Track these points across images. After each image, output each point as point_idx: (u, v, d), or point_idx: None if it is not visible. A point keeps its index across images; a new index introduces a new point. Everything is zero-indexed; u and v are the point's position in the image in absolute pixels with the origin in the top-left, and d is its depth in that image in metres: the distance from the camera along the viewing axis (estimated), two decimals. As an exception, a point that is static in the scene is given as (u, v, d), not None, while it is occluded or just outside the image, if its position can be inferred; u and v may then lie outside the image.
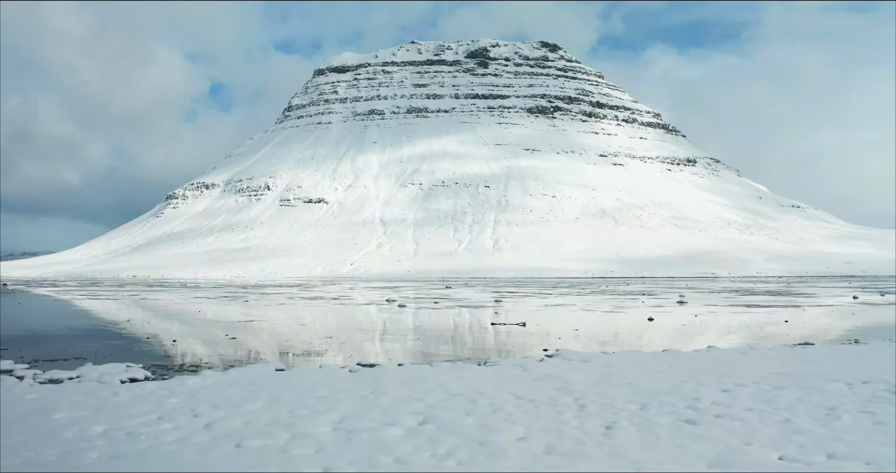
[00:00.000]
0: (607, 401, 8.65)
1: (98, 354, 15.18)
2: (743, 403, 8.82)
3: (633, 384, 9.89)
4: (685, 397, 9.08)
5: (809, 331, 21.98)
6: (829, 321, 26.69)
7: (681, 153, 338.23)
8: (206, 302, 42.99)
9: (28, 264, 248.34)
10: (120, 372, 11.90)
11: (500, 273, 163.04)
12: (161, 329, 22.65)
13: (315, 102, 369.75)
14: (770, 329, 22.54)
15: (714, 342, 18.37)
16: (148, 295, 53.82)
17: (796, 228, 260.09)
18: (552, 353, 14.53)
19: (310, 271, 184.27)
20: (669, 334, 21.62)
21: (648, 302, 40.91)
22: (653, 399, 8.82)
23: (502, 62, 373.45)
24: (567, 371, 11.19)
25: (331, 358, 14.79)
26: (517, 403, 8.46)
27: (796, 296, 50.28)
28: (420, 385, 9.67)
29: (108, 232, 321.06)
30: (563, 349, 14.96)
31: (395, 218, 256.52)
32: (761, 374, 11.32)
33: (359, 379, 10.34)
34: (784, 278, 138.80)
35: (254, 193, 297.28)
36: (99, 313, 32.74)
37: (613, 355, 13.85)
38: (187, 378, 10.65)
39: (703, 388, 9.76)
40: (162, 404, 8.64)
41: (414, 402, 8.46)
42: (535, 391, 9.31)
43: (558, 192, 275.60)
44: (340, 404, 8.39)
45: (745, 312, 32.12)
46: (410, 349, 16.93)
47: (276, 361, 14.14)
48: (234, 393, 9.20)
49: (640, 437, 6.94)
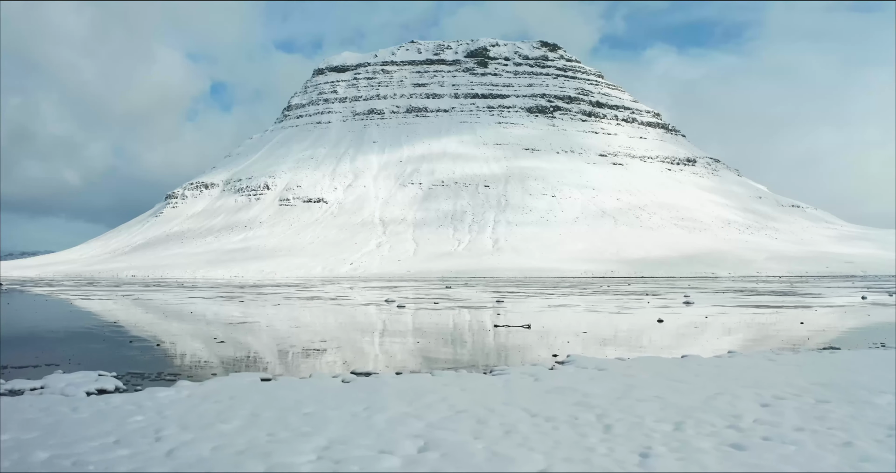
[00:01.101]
0: (635, 420, 7.53)
1: (73, 360, 14.06)
2: (790, 421, 7.72)
3: (661, 398, 8.77)
4: (723, 413, 7.97)
5: (829, 334, 20.88)
6: (846, 323, 25.58)
7: (681, 153, 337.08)
8: (200, 302, 41.85)
9: (27, 263, 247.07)
10: (89, 382, 10.78)
11: (499, 273, 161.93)
12: (147, 332, 21.52)
13: (314, 101, 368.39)
14: (787, 332, 21.44)
15: (732, 346, 17.26)
16: (142, 295, 52.69)
17: (796, 227, 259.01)
18: (563, 359, 13.41)
19: (309, 270, 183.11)
20: (683, 337, 20.51)
21: (654, 302, 39.82)
22: (687, 417, 7.71)
23: (502, 62, 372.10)
24: (584, 382, 10.07)
25: (323, 365, 13.66)
26: (532, 422, 7.35)
27: (803, 296, 49.19)
28: (420, 400, 8.56)
29: (107, 232, 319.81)
30: (574, 354, 13.85)
31: (394, 218, 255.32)
32: (798, 385, 10.22)
33: (351, 392, 9.22)
34: (785, 277, 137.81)
35: (253, 192, 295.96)
36: (87, 314, 31.62)
37: (630, 361, 12.74)
38: (160, 391, 9.53)
39: (739, 402, 8.65)
40: (124, 423, 7.53)
41: (413, 421, 7.34)
42: (552, 406, 8.19)
43: (558, 192, 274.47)
44: (329, 424, 7.27)
45: (755, 313, 31.01)
46: (409, 354, 15.81)
47: (262, 368, 13.02)
48: (209, 410, 8.08)
49: (684, 467, 5.83)
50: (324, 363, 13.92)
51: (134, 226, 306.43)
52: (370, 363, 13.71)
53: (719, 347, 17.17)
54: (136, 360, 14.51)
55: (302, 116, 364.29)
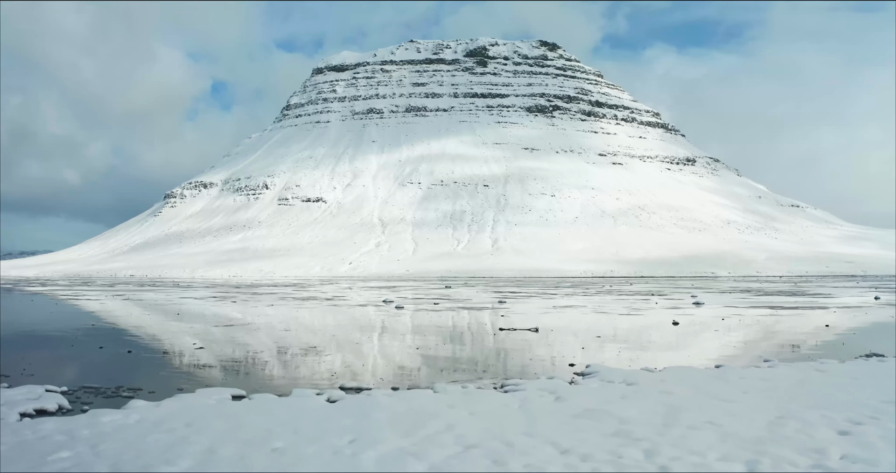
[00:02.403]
0: (696, 458, 5.90)
1: (27, 370, 12.42)
2: (885, 457, 6.11)
3: (716, 425, 7.15)
4: (800, 447, 6.35)
5: (863, 338, 19.27)
6: (873, 326, 23.95)
7: (680, 153, 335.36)
8: (191, 303, 40.20)
9: (25, 263, 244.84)
10: (29, 400, 9.14)
11: (499, 273, 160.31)
12: (122, 337, 19.86)
13: (313, 101, 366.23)
14: (815, 336, 19.81)
15: (765, 352, 15.62)
16: (133, 296, 51.01)
17: (796, 227, 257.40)
18: (583, 370, 11.78)
19: (308, 270, 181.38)
20: (705, 341, 18.89)
21: (662, 303, 38.23)
22: (758, 453, 6.09)
23: (501, 61, 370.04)
24: (615, 402, 8.44)
25: (308, 377, 12.02)
26: (565, 463, 5.70)
27: (813, 296, 47.60)
28: (420, 428, 6.92)
29: (106, 231, 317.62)
30: (595, 364, 12.21)
31: (393, 217, 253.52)
32: (868, 404, 8.60)
33: (337, 416, 7.58)
34: (786, 277, 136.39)
35: (252, 192, 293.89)
36: (67, 315, 29.97)
37: (662, 374, 11.11)
38: (106, 414, 7.89)
39: (813, 430, 7.03)
40: (44, 463, 5.89)
41: (412, 462, 5.71)
42: (585, 438, 6.55)
43: (557, 191, 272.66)
44: (302, 464, 5.63)
45: (771, 314, 29.39)
46: (407, 363, 14.16)
47: (238, 381, 11.38)
48: (155, 443, 6.44)
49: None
50: (309, 376, 12.27)
51: (133, 226, 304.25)
52: (362, 376, 12.05)
53: (750, 353, 15.54)
54: (97, 370, 12.86)
55: (301, 116, 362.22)
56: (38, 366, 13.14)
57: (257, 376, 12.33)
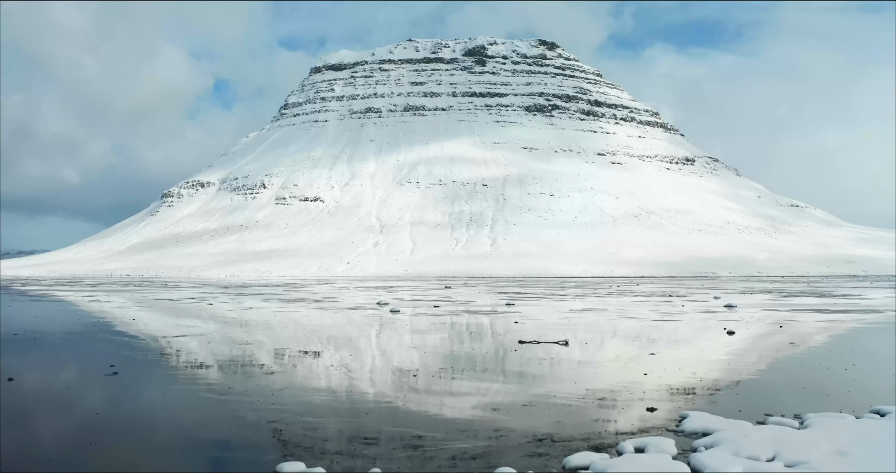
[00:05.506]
0: None
1: None
2: None
3: None
4: None
5: None
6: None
7: (679, 152, 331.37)
8: (162, 305, 35.83)
9: (21, 263, 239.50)
10: None
11: (498, 273, 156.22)
12: (24, 353, 15.38)
13: (311, 100, 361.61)
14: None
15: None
16: (104, 297, 46.50)
17: (795, 227, 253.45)
18: (683, 427, 7.33)
19: (305, 270, 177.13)
20: (801, 361, 14.41)
21: (688, 306, 33.87)
22: None
23: (500, 60, 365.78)
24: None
25: (232, 447, 7.51)
26: None
27: (843, 297, 43.31)
28: None
29: (103, 230, 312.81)
30: (695, 414, 7.75)
31: (391, 217, 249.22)
32: None
33: None
34: (787, 277, 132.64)
35: (249, 191, 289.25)
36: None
37: (815, 429, 6.68)
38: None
39: None
40: None
41: None
42: None
43: (556, 191, 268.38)
44: None
45: (832, 320, 24.99)
46: (400, 407, 9.70)
47: (126, 444, 6.90)
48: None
49: None
50: (235, 444, 7.73)
51: (130, 225, 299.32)
52: (321, 442, 7.56)
53: (878, 381, 11.12)
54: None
55: (299, 115, 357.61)
56: None
57: (160, 432, 7.85)
